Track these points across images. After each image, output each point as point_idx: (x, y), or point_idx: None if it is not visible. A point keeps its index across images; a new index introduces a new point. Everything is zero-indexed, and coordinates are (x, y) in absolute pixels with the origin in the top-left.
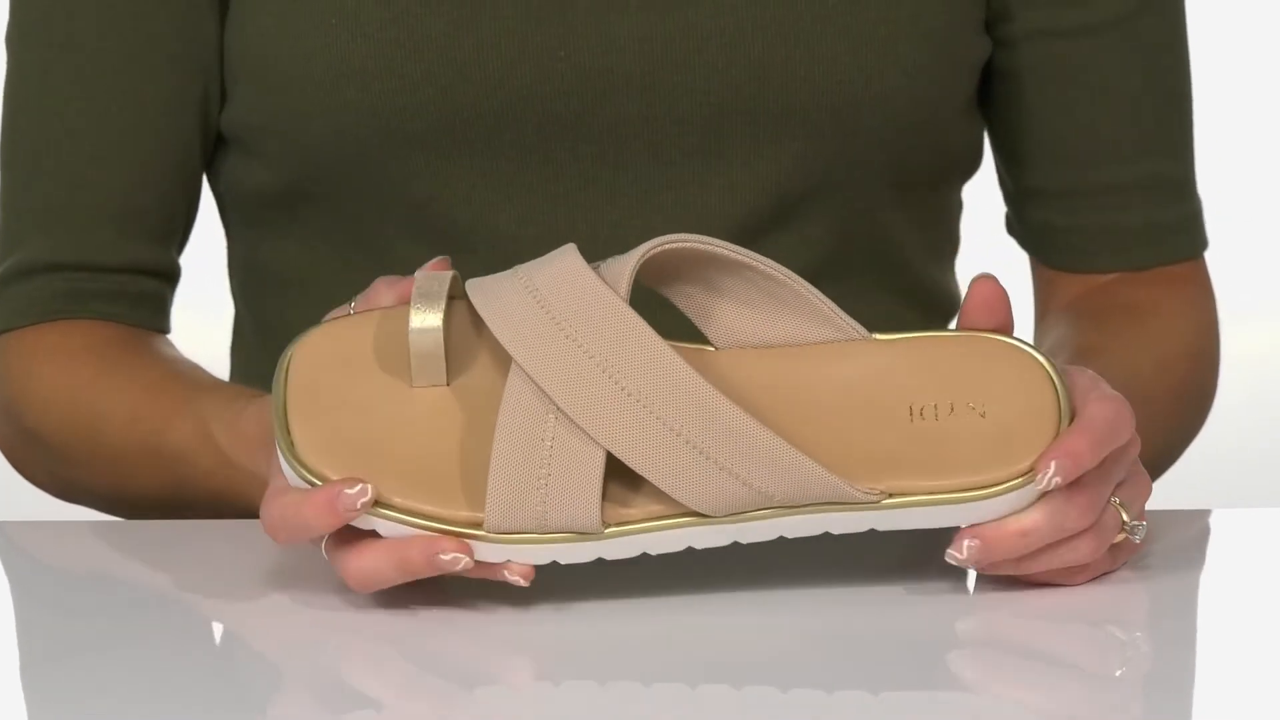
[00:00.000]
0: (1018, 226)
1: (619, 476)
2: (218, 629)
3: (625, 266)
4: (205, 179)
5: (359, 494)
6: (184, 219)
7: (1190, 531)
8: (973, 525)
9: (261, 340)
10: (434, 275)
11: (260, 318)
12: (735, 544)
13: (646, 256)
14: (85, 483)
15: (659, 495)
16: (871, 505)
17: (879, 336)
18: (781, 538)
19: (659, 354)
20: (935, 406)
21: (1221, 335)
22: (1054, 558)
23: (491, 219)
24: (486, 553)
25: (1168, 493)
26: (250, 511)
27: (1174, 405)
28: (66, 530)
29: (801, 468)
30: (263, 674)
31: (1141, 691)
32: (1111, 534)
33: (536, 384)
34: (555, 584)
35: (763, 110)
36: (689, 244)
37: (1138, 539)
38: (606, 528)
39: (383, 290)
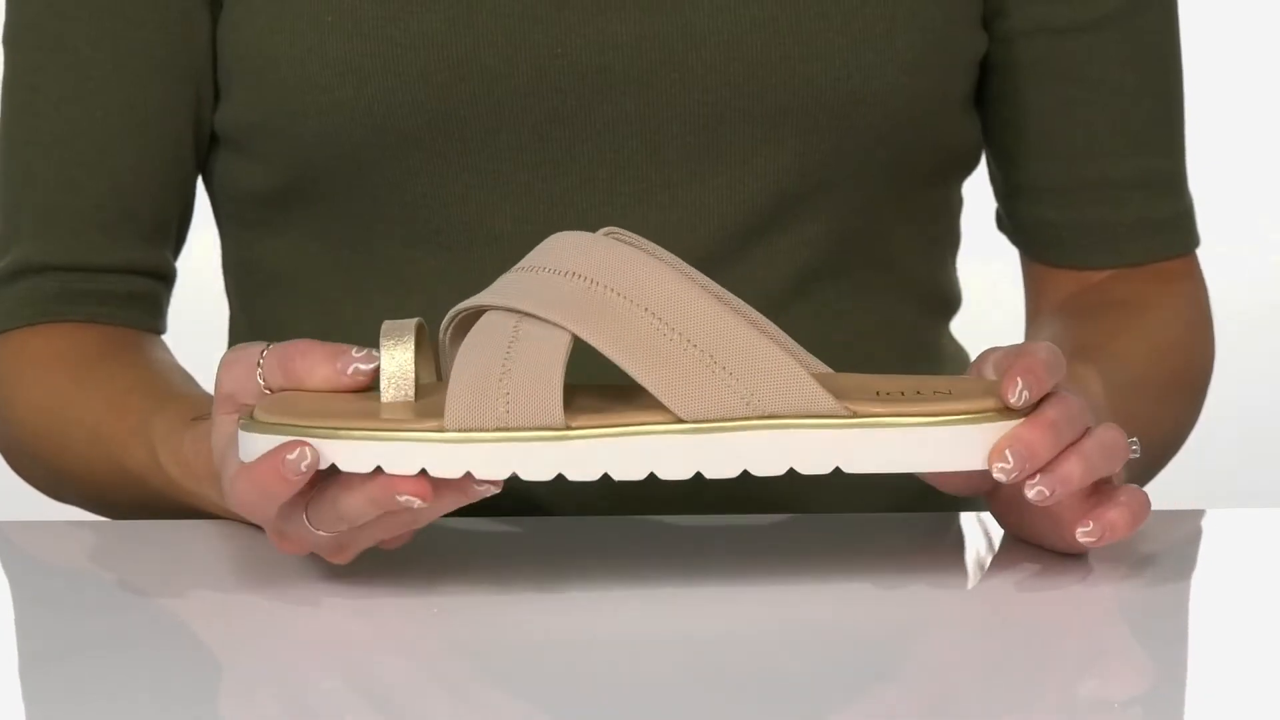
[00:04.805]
0: (1009, 223)
1: (584, 396)
2: (216, 628)
3: None
4: (200, 178)
5: (299, 458)
6: (178, 220)
7: (1185, 532)
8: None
9: (255, 340)
10: (396, 354)
11: (254, 318)
12: (717, 536)
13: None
14: (68, 489)
15: (622, 409)
16: (841, 422)
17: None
18: (749, 529)
19: (637, 258)
20: (902, 393)
21: (1226, 337)
22: (1100, 447)
23: (488, 219)
24: (446, 464)
25: (1163, 493)
26: None
27: (1169, 396)
28: (64, 530)
29: (771, 355)
30: (263, 673)
31: (1136, 692)
32: (1122, 439)
33: (507, 307)
34: (536, 572)
35: (761, 108)
36: None
37: (1135, 453)
38: (570, 428)
39: (304, 356)
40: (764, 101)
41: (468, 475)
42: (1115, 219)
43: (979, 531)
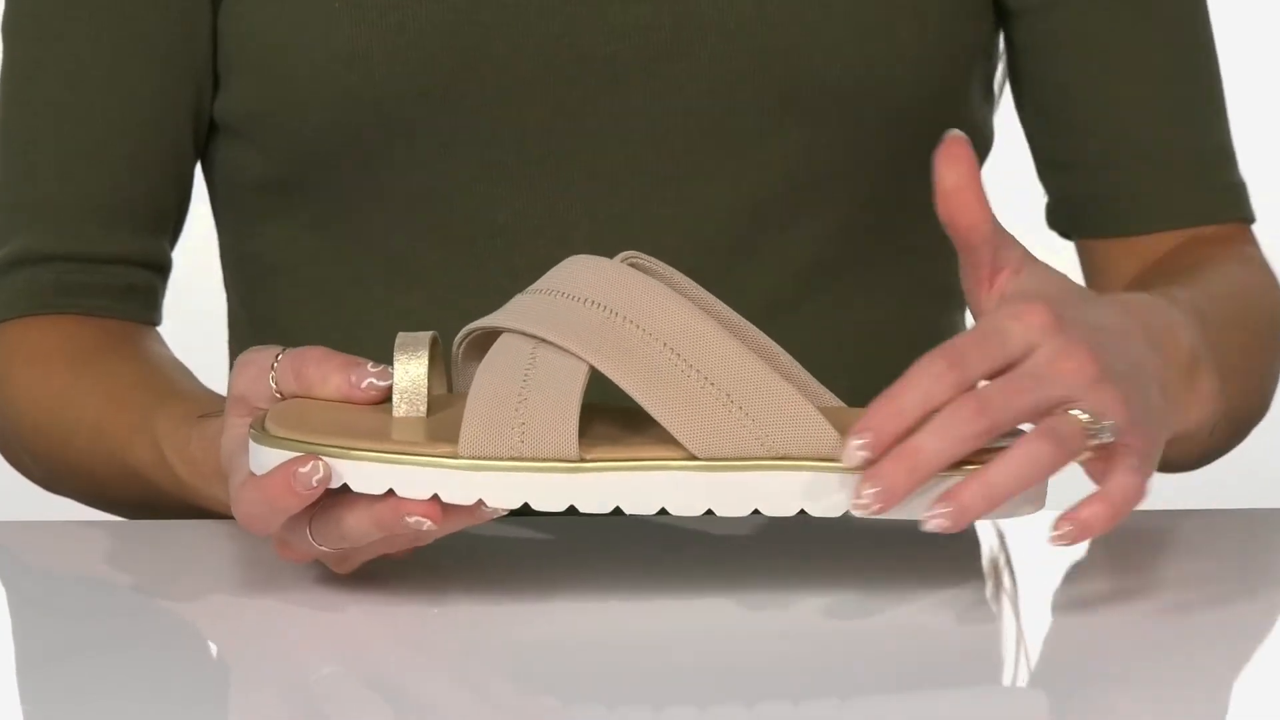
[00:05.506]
0: (1062, 210)
1: (598, 423)
2: (216, 629)
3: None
4: (200, 168)
5: (311, 471)
6: (175, 211)
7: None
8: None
9: (255, 333)
10: (409, 368)
11: (254, 311)
12: (719, 535)
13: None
14: (65, 484)
15: (636, 442)
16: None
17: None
18: (751, 528)
19: (657, 291)
20: None
21: None
22: (1012, 468)
23: (491, 211)
24: (458, 490)
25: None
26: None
27: (1258, 343)
28: (64, 531)
29: (787, 396)
30: (266, 673)
31: (1137, 694)
32: (1072, 439)
33: (525, 331)
34: (539, 572)
35: (766, 99)
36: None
37: (1107, 437)
38: (584, 460)
39: (319, 364)
40: (770, 92)
41: (478, 501)
42: (1155, 187)
43: (979, 531)
